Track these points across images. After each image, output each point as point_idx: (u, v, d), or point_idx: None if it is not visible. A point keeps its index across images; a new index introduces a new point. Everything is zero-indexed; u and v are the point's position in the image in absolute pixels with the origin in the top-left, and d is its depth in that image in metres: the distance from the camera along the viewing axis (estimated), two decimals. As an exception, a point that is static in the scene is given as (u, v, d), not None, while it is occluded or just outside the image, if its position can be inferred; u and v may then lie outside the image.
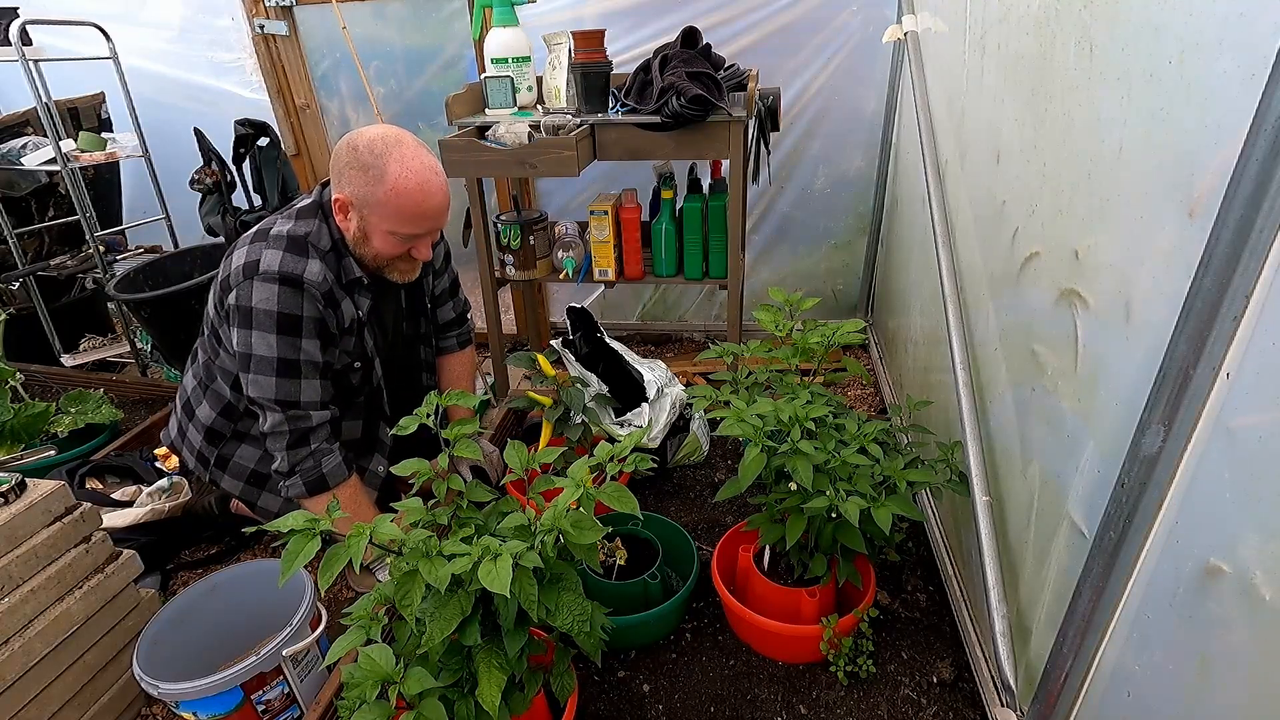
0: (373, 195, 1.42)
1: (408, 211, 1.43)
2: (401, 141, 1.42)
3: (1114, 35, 0.89)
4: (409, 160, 1.41)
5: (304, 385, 1.50)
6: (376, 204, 1.43)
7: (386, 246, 1.49)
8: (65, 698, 1.33)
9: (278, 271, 1.44)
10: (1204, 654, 0.76)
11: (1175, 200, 0.76)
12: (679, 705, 1.44)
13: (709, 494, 2.05)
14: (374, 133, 1.43)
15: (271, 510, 1.71)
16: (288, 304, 1.45)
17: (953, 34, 1.61)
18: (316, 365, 1.51)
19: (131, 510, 1.84)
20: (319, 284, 1.47)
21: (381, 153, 1.40)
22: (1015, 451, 1.23)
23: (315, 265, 1.48)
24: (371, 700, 1.00)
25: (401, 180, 1.40)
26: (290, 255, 1.46)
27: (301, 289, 1.46)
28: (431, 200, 1.45)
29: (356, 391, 1.67)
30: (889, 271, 2.47)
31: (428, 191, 1.43)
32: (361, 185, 1.42)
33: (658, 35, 2.38)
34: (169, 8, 2.70)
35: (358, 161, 1.41)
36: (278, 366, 1.47)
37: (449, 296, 1.91)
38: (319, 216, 1.53)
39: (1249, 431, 0.67)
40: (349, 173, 1.43)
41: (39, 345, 2.79)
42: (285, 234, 1.49)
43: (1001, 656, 1.18)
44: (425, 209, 1.45)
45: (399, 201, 1.42)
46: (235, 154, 2.67)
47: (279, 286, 1.44)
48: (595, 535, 1.10)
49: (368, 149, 1.40)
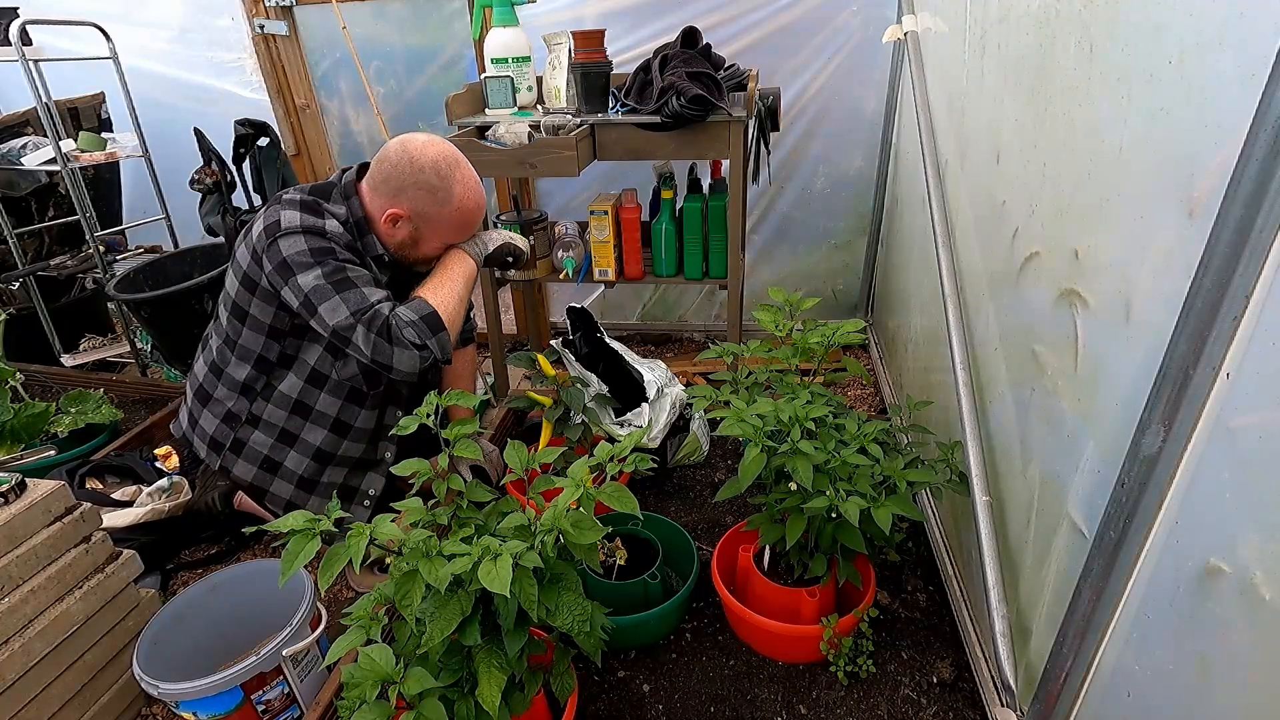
0: (439, 215, 1.58)
1: (466, 225, 1.63)
2: (459, 163, 1.58)
3: (1114, 35, 0.89)
4: (469, 181, 1.59)
5: (365, 292, 1.51)
6: (441, 221, 1.59)
7: (434, 250, 1.65)
8: (65, 698, 1.33)
9: (300, 225, 1.52)
10: (1204, 654, 0.76)
11: (1175, 200, 0.76)
12: (679, 705, 1.44)
13: (709, 494, 2.05)
14: (435, 151, 1.55)
15: (283, 496, 1.71)
16: (315, 242, 1.51)
17: (953, 34, 1.61)
18: (367, 278, 1.54)
19: (131, 510, 1.84)
20: (339, 235, 1.55)
21: (447, 175, 1.55)
22: (1015, 451, 1.23)
23: (332, 222, 1.56)
24: (371, 700, 1.00)
25: (465, 200, 1.58)
26: (304, 215, 1.54)
27: (325, 236, 1.53)
28: (481, 213, 1.65)
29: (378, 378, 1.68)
30: (889, 271, 2.47)
31: (481, 206, 1.63)
32: (428, 205, 1.56)
33: (658, 35, 2.38)
34: (169, 8, 2.70)
35: (424, 182, 1.54)
36: (335, 286, 1.49)
37: None
38: (336, 195, 1.61)
39: (1249, 431, 0.67)
40: (413, 192, 1.55)
41: (39, 345, 2.79)
42: (298, 198, 1.57)
43: (1001, 656, 1.18)
44: (476, 220, 1.65)
45: (463, 219, 1.60)
46: (235, 154, 2.66)
47: (302, 233, 1.51)
48: (595, 535, 1.10)
49: (433, 170, 1.54)
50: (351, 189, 1.60)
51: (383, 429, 1.76)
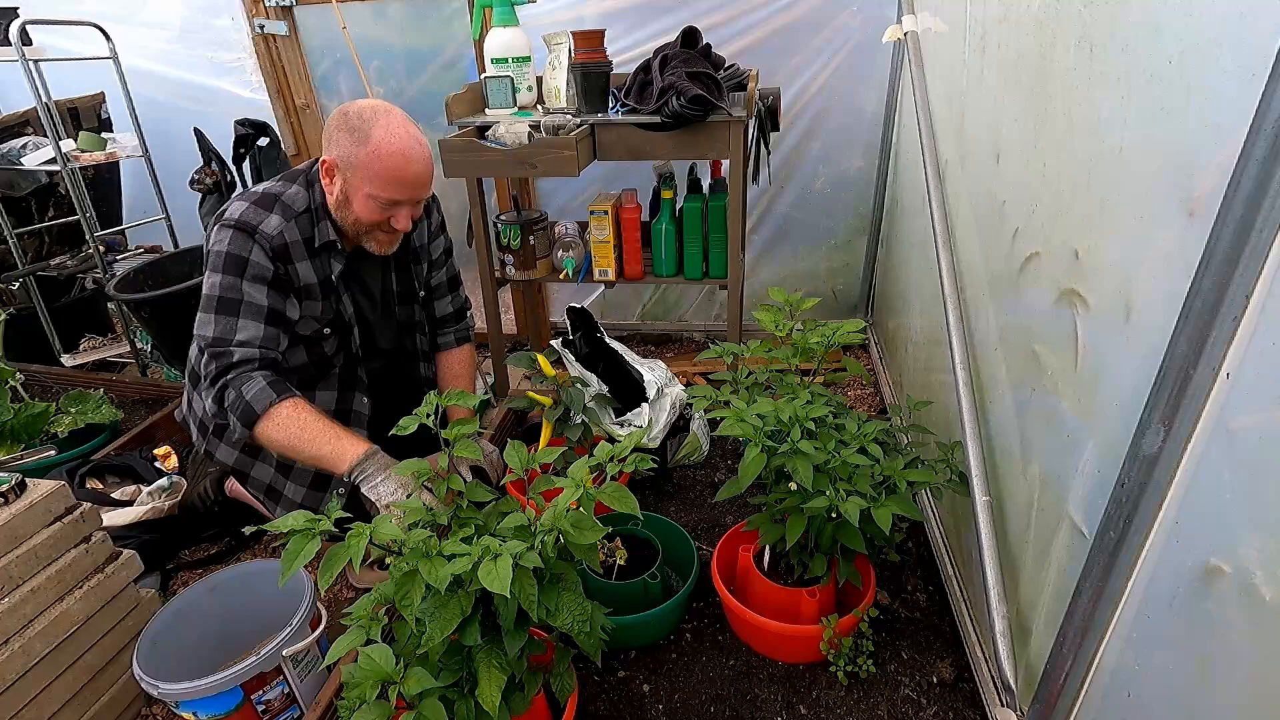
0: (355, 156, 1.45)
1: (388, 174, 1.46)
2: (390, 111, 1.48)
3: (1114, 35, 0.89)
4: (394, 127, 1.45)
5: (240, 324, 1.48)
6: (358, 165, 1.46)
7: (366, 211, 1.51)
8: (65, 698, 1.33)
9: (236, 220, 1.49)
10: (1204, 654, 0.75)
11: (1175, 200, 0.76)
12: (679, 705, 1.44)
13: (709, 494, 2.05)
14: (367, 101, 1.49)
15: (264, 481, 1.70)
16: (236, 246, 1.48)
17: (953, 34, 1.61)
18: (260, 309, 1.49)
19: (131, 509, 1.85)
20: (271, 237, 1.50)
21: (369, 118, 1.45)
22: (1015, 451, 1.23)
23: (274, 220, 1.51)
24: (371, 700, 1.00)
25: (385, 143, 1.44)
26: (254, 208, 1.51)
27: (253, 238, 1.49)
28: (412, 166, 1.47)
29: (329, 362, 1.67)
30: (889, 271, 2.47)
31: (409, 157, 1.46)
32: (347, 146, 1.46)
33: (658, 35, 2.38)
34: (169, 8, 2.70)
35: (346, 124, 1.46)
36: (217, 304, 1.47)
37: (447, 290, 1.90)
38: (301, 181, 1.58)
39: (1249, 431, 0.67)
40: (336, 135, 1.47)
41: (39, 345, 2.79)
42: (260, 190, 1.55)
43: (1001, 656, 1.18)
44: (405, 174, 1.47)
45: (380, 164, 1.45)
46: (235, 154, 2.67)
47: (233, 230, 1.48)
48: (595, 535, 1.09)
49: (357, 114, 1.46)
50: (317, 175, 1.57)
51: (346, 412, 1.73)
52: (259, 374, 1.47)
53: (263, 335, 1.50)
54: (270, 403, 1.44)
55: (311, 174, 1.58)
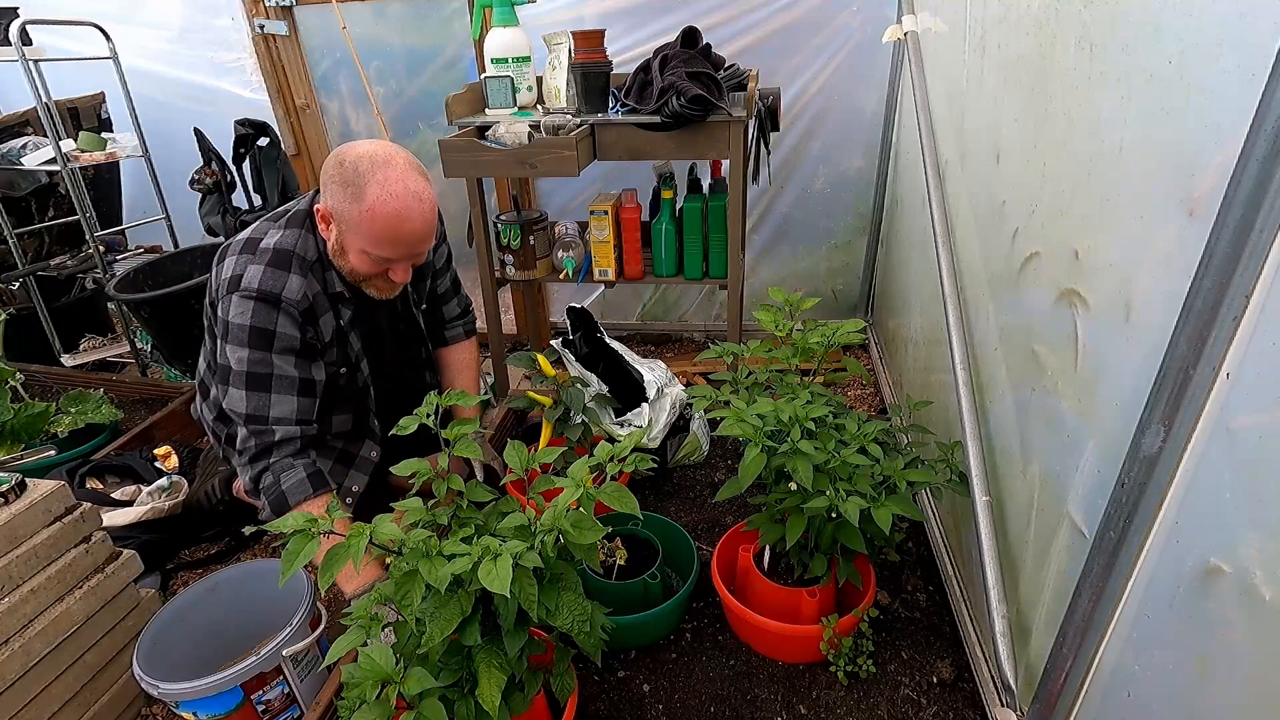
0: (349, 213, 1.39)
1: (382, 235, 1.39)
2: (390, 163, 1.37)
3: (1114, 35, 0.89)
4: (391, 184, 1.36)
5: (273, 400, 1.47)
6: (352, 222, 1.40)
7: (361, 265, 1.47)
8: (65, 698, 1.33)
9: (256, 289, 1.44)
10: (1204, 654, 0.75)
11: (1175, 200, 0.76)
12: (679, 705, 1.44)
13: (709, 494, 2.05)
14: (365, 149, 1.40)
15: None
16: (261, 319, 1.45)
17: (953, 34, 1.61)
18: (292, 381, 1.48)
19: (131, 509, 1.84)
20: (297, 302, 1.47)
21: (365, 171, 1.36)
22: (1015, 451, 1.23)
23: (295, 282, 1.47)
24: (371, 700, 1.00)
25: (379, 204, 1.36)
26: (271, 271, 1.46)
27: (278, 307, 1.45)
28: (407, 226, 1.39)
29: (344, 392, 1.68)
30: (889, 271, 2.47)
31: (404, 218, 1.38)
32: (341, 201, 1.39)
33: (658, 35, 2.38)
34: (169, 8, 2.69)
35: (341, 176, 1.38)
36: (247, 380, 1.46)
37: (452, 294, 1.93)
38: (307, 226, 1.53)
39: (1249, 431, 0.67)
40: (332, 186, 1.40)
41: (39, 345, 2.79)
42: (272, 247, 1.49)
43: (1001, 656, 1.18)
44: (400, 235, 1.40)
45: (373, 226, 1.38)
46: (235, 154, 2.67)
47: (255, 303, 1.44)
48: (595, 535, 1.09)
49: (353, 165, 1.37)
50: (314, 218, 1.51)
51: (362, 429, 1.75)
52: (300, 464, 1.47)
53: (298, 409, 1.49)
54: (304, 498, 1.45)
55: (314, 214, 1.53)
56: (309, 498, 1.45)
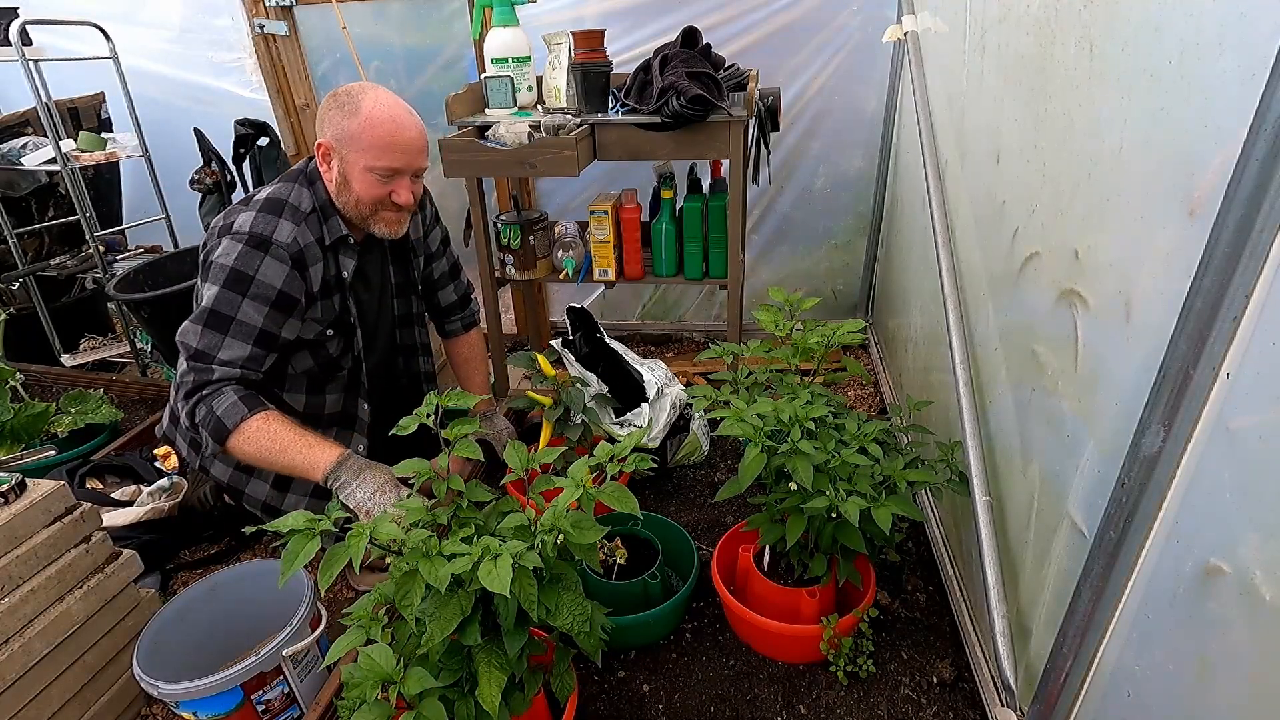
0: (348, 129, 1.47)
1: (382, 141, 1.47)
2: (378, 87, 1.51)
3: (1114, 35, 0.89)
4: (383, 97, 1.49)
5: (226, 342, 1.46)
6: (352, 137, 1.47)
7: (365, 187, 1.51)
8: (65, 698, 1.33)
9: (247, 231, 1.47)
10: (1204, 654, 0.75)
11: (1175, 200, 0.76)
12: (679, 705, 1.44)
13: (709, 494, 2.05)
14: (355, 83, 1.52)
15: (258, 498, 1.69)
16: (244, 262, 1.46)
17: (953, 34, 1.61)
18: (251, 330, 1.47)
19: (131, 509, 1.84)
20: (287, 245, 1.49)
21: (357, 93, 1.48)
22: (1015, 451, 1.23)
23: (286, 227, 1.50)
24: (371, 700, 1.00)
25: (376, 111, 1.46)
26: (263, 216, 1.49)
27: (266, 249, 1.47)
28: (405, 132, 1.49)
29: (337, 365, 1.67)
30: (889, 271, 2.47)
31: (400, 123, 1.48)
32: (339, 122, 1.48)
33: (658, 35, 2.38)
34: (169, 8, 2.70)
35: (336, 103, 1.48)
36: (208, 317, 1.45)
37: (449, 279, 1.94)
38: (302, 181, 1.57)
39: (1249, 431, 0.67)
40: (328, 115, 1.49)
41: (39, 345, 2.79)
42: (263, 197, 1.54)
43: (1001, 656, 1.18)
44: (399, 139, 1.48)
45: (373, 132, 1.46)
46: (235, 154, 2.67)
47: (243, 246, 1.46)
48: (595, 535, 1.10)
49: (345, 92, 1.49)
50: (315, 172, 1.56)
51: (350, 417, 1.74)
52: (230, 389, 1.45)
53: (246, 356, 1.47)
54: (241, 417, 1.43)
55: (310, 171, 1.57)
56: (245, 417, 1.43)
